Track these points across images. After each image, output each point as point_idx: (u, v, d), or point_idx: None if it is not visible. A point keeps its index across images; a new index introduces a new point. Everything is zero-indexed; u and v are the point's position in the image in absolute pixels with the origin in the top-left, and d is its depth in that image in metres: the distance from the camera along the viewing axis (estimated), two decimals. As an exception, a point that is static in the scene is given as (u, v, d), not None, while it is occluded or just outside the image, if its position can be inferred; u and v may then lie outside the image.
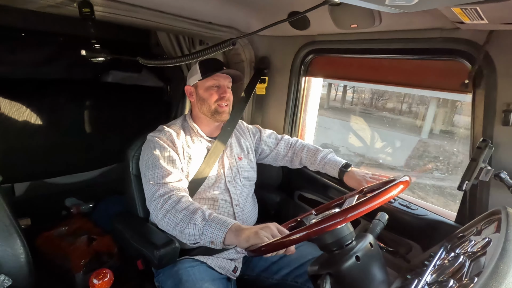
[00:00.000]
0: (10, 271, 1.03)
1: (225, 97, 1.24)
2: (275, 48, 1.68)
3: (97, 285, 0.92)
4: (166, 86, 2.54)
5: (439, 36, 1.07)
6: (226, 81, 1.26)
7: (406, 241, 1.19)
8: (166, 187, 1.05)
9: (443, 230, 1.09)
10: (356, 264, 0.70)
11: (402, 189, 0.76)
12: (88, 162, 2.32)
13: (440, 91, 1.28)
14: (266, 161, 1.51)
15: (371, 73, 1.41)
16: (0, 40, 1.85)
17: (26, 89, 1.98)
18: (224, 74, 1.25)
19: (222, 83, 1.25)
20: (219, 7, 1.35)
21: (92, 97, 2.27)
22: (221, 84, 1.25)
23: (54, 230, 1.89)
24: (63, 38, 2.07)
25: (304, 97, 1.67)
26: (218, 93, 1.24)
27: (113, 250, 1.80)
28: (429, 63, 1.20)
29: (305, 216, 1.02)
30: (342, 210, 0.70)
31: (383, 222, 0.91)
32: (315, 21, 1.31)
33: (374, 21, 1.09)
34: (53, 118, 2.08)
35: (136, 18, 1.20)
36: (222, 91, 1.24)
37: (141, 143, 1.24)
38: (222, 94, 1.24)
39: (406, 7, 0.67)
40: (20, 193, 2.06)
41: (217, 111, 1.24)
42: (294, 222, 1.01)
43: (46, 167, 2.12)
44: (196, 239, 0.95)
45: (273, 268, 1.22)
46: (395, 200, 1.25)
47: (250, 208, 1.33)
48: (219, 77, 1.24)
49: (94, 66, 2.25)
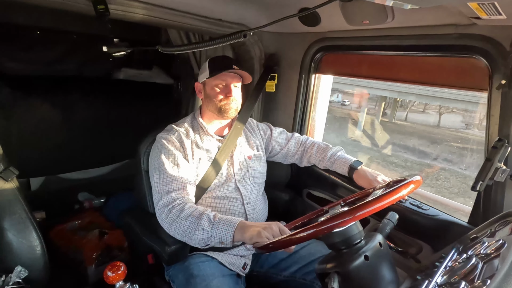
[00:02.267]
0: (26, 262, 1.07)
1: (230, 96, 1.23)
2: (285, 45, 1.67)
3: (111, 277, 0.94)
4: (176, 83, 2.56)
5: (454, 32, 1.04)
6: (233, 80, 1.25)
7: (417, 242, 1.17)
8: (169, 196, 1.07)
9: (455, 231, 1.07)
10: (364, 263, 0.70)
11: (413, 189, 0.75)
12: (101, 157, 2.37)
13: (455, 88, 1.24)
14: (276, 158, 1.50)
15: (383, 70, 1.38)
16: (17, 38, 1.91)
17: (41, 86, 2.04)
18: (231, 73, 1.24)
19: (229, 82, 1.24)
20: (229, 4, 1.35)
21: (104, 94, 2.31)
22: (228, 83, 1.24)
23: (67, 223, 1.95)
24: (77, 36, 2.11)
25: (314, 94, 1.66)
26: (224, 92, 1.23)
27: (124, 244, 1.84)
28: (443, 60, 1.17)
29: (316, 213, 1.02)
30: (350, 209, 0.70)
31: (393, 221, 0.89)
32: (326, 18, 1.29)
33: (387, 17, 1.07)
34: (66, 115, 2.14)
35: (147, 15, 1.21)
36: (228, 90, 1.23)
37: (152, 140, 1.25)
38: (228, 93, 1.23)
39: (420, 2, 0.66)
40: (36, 187, 2.13)
41: (222, 109, 1.24)
42: (305, 219, 1.01)
43: (60, 162, 2.18)
44: (205, 242, 0.99)
45: (282, 265, 1.22)
46: (405, 199, 1.23)
47: (261, 206, 1.33)
48: (227, 76, 1.24)
49: (106, 63, 2.31)
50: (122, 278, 0.96)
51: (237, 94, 1.27)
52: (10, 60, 1.92)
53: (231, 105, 1.24)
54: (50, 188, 2.18)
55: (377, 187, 1.04)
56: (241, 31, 1.02)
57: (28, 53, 1.98)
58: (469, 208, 1.11)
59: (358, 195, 1.06)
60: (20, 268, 1.03)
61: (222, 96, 1.23)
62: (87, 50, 2.15)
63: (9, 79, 1.89)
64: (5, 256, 1.05)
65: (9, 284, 0.98)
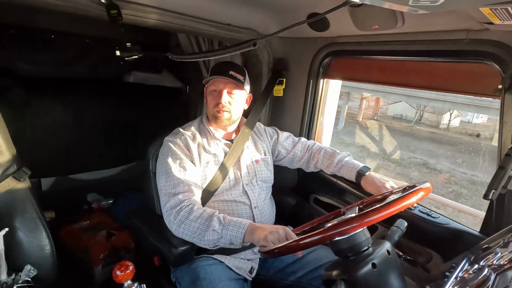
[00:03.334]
0: (35, 261, 1.09)
1: (220, 103, 1.21)
2: (293, 49, 1.67)
3: (119, 276, 0.96)
4: (185, 87, 2.58)
5: (465, 38, 1.02)
6: (226, 86, 1.22)
7: (426, 250, 1.15)
8: (176, 198, 1.08)
9: (466, 240, 1.05)
10: (372, 271, 0.68)
11: (422, 196, 0.73)
12: (110, 159, 2.41)
13: (466, 94, 1.23)
14: (282, 163, 1.50)
15: (393, 75, 1.37)
16: (32, 41, 1.96)
17: (53, 88, 2.08)
18: (223, 78, 1.21)
19: (221, 88, 1.22)
20: (238, 9, 1.37)
21: (115, 96, 2.35)
22: (220, 89, 1.22)
23: (76, 223, 1.97)
24: (89, 40, 2.16)
25: (322, 99, 1.65)
26: (216, 99, 1.22)
27: (131, 245, 1.86)
28: (454, 66, 1.16)
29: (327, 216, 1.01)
30: (358, 215, 0.69)
31: (401, 229, 0.88)
32: (335, 23, 1.29)
33: (397, 22, 1.06)
34: (77, 117, 2.18)
35: (159, 20, 1.23)
36: (219, 96, 1.21)
37: (161, 143, 1.26)
38: (218, 100, 1.22)
39: (431, 7, 0.65)
40: (46, 187, 2.17)
41: (214, 116, 1.24)
42: (313, 224, 1.00)
43: (70, 163, 2.22)
44: (215, 243, 1.00)
45: (288, 270, 1.21)
46: (414, 207, 1.21)
47: (268, 210, 1.33)
48: (219, 82, 1.22)
49: (117, 66, 2.35)
50: (130, 278, 0.97)
51: (229, 101, 1.23)
52: (25, 62, 1.97)
53: (222, 113, 1.22)
54: (60, 188, 2.22)
55: (394, 191, 1.03)
56: (251, 40, 1.04)
57: (42, 56, 2.03)
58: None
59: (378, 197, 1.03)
60: (29, 267, 1.04)
61: (214, 102, 1.23)
62: (98, 53, 2.20)
63: (24, 80, 1.94)
64: (16, 254, 1.07)
65: (19, 283, 1.00)
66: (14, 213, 1.08)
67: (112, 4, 1.07)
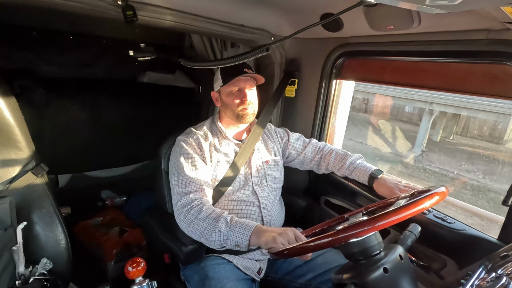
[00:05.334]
0: (51, 255, 1.12)
1: (246, 101, 1.24)
2: (306, 50, 1.66)
3: (131, 272, 0.98)
4: (198, 87, 2.61)
5: (485, 38, 0.99)
6: (247, 84, 1.26)
7: (440, 256, 1.11)
8: (187, 197, 1.09)
9: (483, 247, 1.01)
10: (383, 276, 0.67)
11: (437, 201, 0.71)
12: (124, 157, 2.46)
13: (485, 96, 1.18)
14: (293, 164, 1.49)
15: (408, 76, 1.34)
16: (52, 43, 2.03)
17: (72, 88, 2.15)
18: (244, 77, 1.25)
19: (243, 86, 1.25)
20: (251, 10, 1.37)
21: (129, 96, 2.40)
22: (242, 87, 1.25)
23: (90, 220, 2.03)
24: (106, 41, 2.22)
25: (335, 100, 1.64)
26: (240, 97, 1.24)
27: (142, 242, 1.89)
28: (473, 66, 1.12)
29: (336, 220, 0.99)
30: (370, 219, 0.67)
31: (415, 234, 0.85)
32: (349, 23, 1.28)
33: (413, 22, 1.04)
34: (93, 116, 2.24)
35: (173, 21, 1.25)
36: (243, 95, 1.24)
37: (173, 142, 1.28)
38: (243, 98, 1.24)
39: (449, 7, 0.63)
40: (63, 184, 2.24)
41: (239, 115, 1.25)
42: (324, 226, 0.99)
43: (86, 160, 2.29)
44: (222, 244, 1.00)
45: (297, 272, 1.20)
46: (429, 211, 1.18)
47: (278, 211, 1.33)
48: (239, 81, 1.25)
49: (132, 67, 2.40)
50: (142, 274, 0.99)
51: (252, 98, 1.27)
52: (45, 63, 2.05)
53: (248, 110, 1.25)
54: (76, 185, 2.28)
55: (400, 197, 1.01)
56: (264, 45, 1.04)
57: (61, 57, 2.10)
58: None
59: (381, 204, 1.02)
60: (45, 260, 1.08)
61: (238, 101, 1.24)
62: (115, 54, 2.26)
63: (44, 81, 2.01)
64: (33, 248, 1.10)
65: (35, 275, 1.03)
66: (32, 207, 1.12)
67: (128, 6, 1.10)
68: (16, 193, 1.08)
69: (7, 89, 1.08)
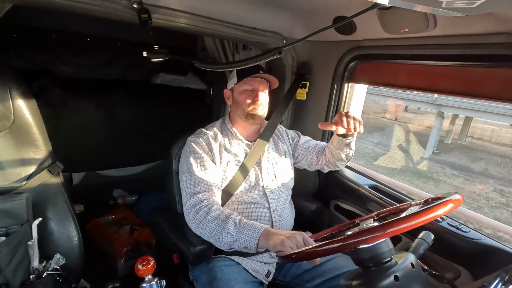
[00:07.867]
0: (64, 251, 1.15)
1: (257, 101, 1.24)
2: (318, 53, 1.65)
3: (141, 270, 0.99)
4: (209, 89, 2.64)
5: (504, 42, 0.96)
6: (260, 85, 1.26)
7: (454, 266, 1.08)
8: (196, 197, 1.09)
9: (500, 258, 0.97)
10: (394, 284, 0.65)
11: (451, 208, 0.69)
12: (136, 157, 2.50)
13: (503, 102, 1.15)
14: (301, 165, 1.48)
15: (423, 80, 1.31)
16: (70, 44, 2.10)
17: (87, 89, 2.21)
18: (258, 78, 1.26)
19: (256, 87, 1.26)
20: (264, 13, 1.38)
21: (143, 97, 2.45)
22: (255, 88, 1.26)
23: (102, 217, 2.07)
24: (121, 43, 2.27)
25: (347, 103, 1.62)
26: (252, 97, 1.25)
27: (152, 241, 1.91)
28: (491, 71, 1.09)
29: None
30: (381, 225, 0.66)
31: (427, 242, 0.83)
32: (362, 26, 1.26)
33: (428, 25, 1.01)
34: (108, 116, 2.29)
35: (186, 24, 1.27)
36: (255, 94, 1.25)
37: (184, 143, 1.30)
38: (255, 97, 1.24)
39: (466, 10, 0.61)
40: (77, 182, 2.29)
41: (249, 114, 1.25)
42: (335, 231, 0.98)
43: (99, 159, 2.34)
44: (230, 245, 1.00)
45: (306, 276, 1.19)
46: (443, 219, 1.15)
47: (287, 214, 1.32)
48: (254, 81, 1.26)
49: (146, 68, 2.45)
50: (151, 272, 1.00)
51: (264, 100, 1.28)
52: (63, 64, 2.12)
53: (258, 111, 1.25)
54: (89, 183, 2.34)
55: (413, 203, 0.99)
56: (276, 48, 1.04)
57: (79, 58, 2.17)
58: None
59: (393, 210, 1.00)
60: (59, 256, 1.11)
61: (249, 100, 1.25)
62: (129, 56, 2.31)
63: (61, 81, 2.07)
64: (47, 243, 1.13)
65: (49, 270, 1.06)
66: (47, 204, 1.15)
67: (143, 9, 1.12)
68: (32, 190, 1.11)
69: (26, 89, 1.12)
